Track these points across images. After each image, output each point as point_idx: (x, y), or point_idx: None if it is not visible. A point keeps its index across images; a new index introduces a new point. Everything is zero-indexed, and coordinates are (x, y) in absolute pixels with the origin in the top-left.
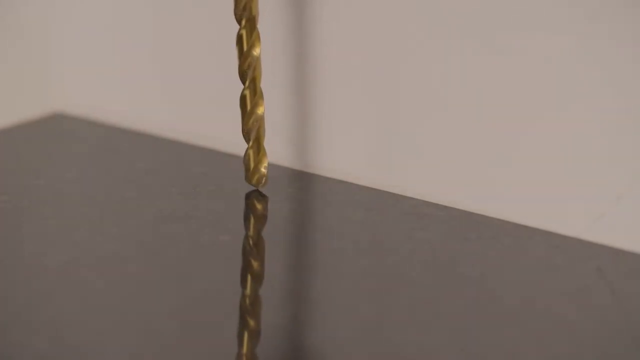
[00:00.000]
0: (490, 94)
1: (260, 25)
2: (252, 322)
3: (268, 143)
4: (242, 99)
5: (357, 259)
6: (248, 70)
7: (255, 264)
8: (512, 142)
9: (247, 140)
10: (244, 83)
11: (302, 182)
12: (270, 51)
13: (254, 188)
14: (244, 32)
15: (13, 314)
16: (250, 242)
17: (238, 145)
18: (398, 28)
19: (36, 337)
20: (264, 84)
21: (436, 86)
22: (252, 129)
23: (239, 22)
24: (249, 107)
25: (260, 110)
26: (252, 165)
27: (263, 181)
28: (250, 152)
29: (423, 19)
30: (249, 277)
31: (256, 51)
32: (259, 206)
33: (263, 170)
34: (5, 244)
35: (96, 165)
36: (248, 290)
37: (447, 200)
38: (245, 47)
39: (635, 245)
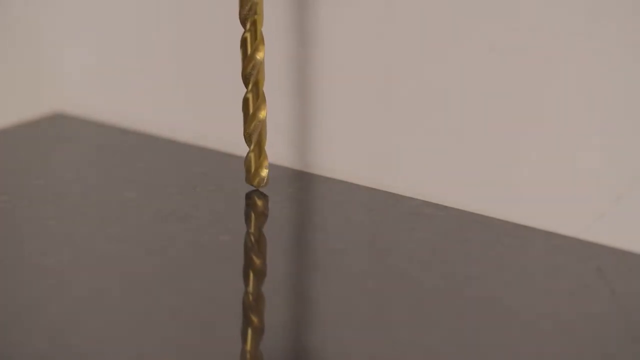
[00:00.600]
0: (490, 94)
1: (264, 29)
2: (252, 322)
3: (269, 143)
4: (245, 102)
5: (357, 259)
6: (251, 73)
7: (255, 263)
8: (512, 142)
9: (249, 143)
10: (246, 86)
11: (302, 182)
12: (272, 53)
13: (254, 188)
14: (248, 36)
15: (13, 314)
16: (250, 241)
17: (238, 146)
18: (398, 29)
19: (36, 337)
20: (266, 85)
21: (436, 86)
22: (253, 132)
23: (244, 25)
24: (251, 111)
25: (262, 114)
26: (253, 168)
27: (263, 184)
28: (252, 155)
29: (423, 20)
30: (249, 277)
31: (260, 55)
32: (259, 206)
33: (263, 173)
34: (5, 244)
35: (96, 165)
36: (248, 290)
37: (447, 200)
38: (249, 51)
39: (635, 245)
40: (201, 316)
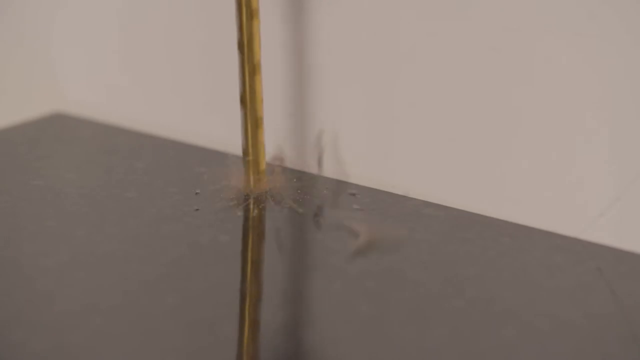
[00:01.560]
0: (490, 93)
1: (263, 29)
2: (252, 322)
3: (268, 143)
4: (243, 101)
5: (357, 259)
6: (250, 73)
7: (255, 263)
8: (512, 142)
9: (247, 144)
10: (245, 86)
11: (302, 182)
12: (271, 53)
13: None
14: (245, 37)
15: (13, 314)
16: (250, 242)
17: (238, 146)
18: (397, 29)
19: (36, 337)
20: (266, 84)
21: (436, 86)
22: (253, 133)
23: (240, 27)
24: (250, 111)
25: (261, 114)
26: (252, 168)
27: (263, 184)
28: (251, 155)
29: (423, 19)
30: (248, 277)
31: (258, 55)
32: (258, 206)
33: (263, 174)
34: (5, 244)
35: (96, 165)
36: (248, 290)
37: (447, 200)
38: (246, 53)
39: (635, 245)
40: (201, 316)
